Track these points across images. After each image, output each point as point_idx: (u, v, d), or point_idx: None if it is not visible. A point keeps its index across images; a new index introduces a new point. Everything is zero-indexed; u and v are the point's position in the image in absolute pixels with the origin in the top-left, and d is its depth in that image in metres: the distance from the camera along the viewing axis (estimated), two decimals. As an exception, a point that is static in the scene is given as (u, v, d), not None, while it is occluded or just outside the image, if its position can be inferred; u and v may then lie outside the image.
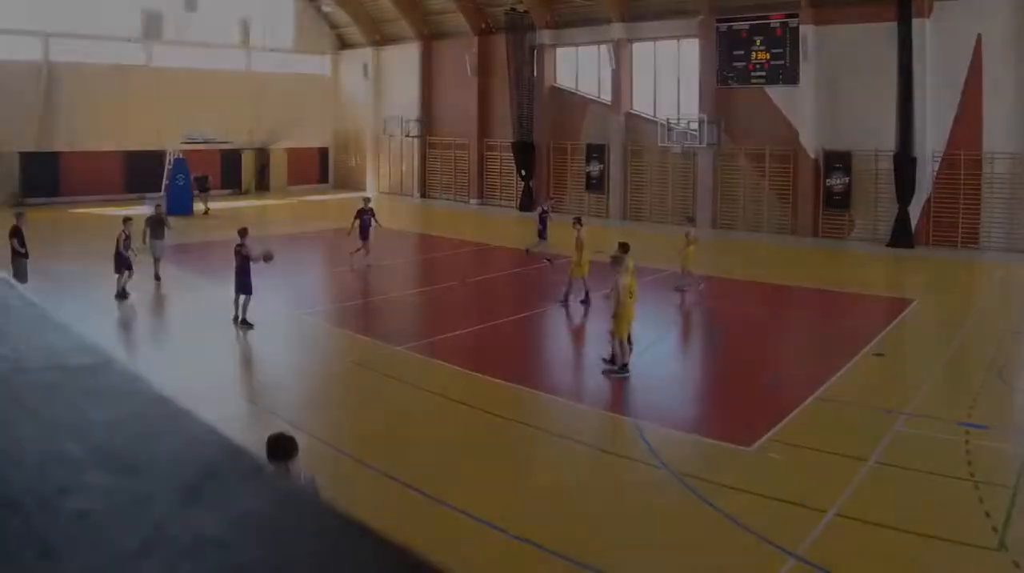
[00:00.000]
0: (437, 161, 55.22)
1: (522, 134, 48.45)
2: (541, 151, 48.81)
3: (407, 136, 55.22)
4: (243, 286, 20.14)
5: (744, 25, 40.57)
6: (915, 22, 34.73)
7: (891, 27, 35.16)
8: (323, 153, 61.95)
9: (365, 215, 29.48)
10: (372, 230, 29.38)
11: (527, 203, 48.52)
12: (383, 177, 58.72)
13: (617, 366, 16.79)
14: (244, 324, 20.10)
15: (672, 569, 9.73)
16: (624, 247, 18.04)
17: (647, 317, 22.23)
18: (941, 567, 9.51)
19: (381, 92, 57.91)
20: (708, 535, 10.33)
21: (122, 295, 22.96)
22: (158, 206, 27.97)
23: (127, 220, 23.75)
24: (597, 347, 20.61)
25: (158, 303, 24.29)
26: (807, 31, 38.08)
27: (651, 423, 14.13)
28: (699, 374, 18.34)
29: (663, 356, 19.38)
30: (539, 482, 12.10)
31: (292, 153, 59.21)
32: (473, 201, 52.49)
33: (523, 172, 48.82)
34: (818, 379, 16.35)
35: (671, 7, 43.01)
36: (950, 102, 34.81)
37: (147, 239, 25.59)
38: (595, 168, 46.60)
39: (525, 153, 48.57)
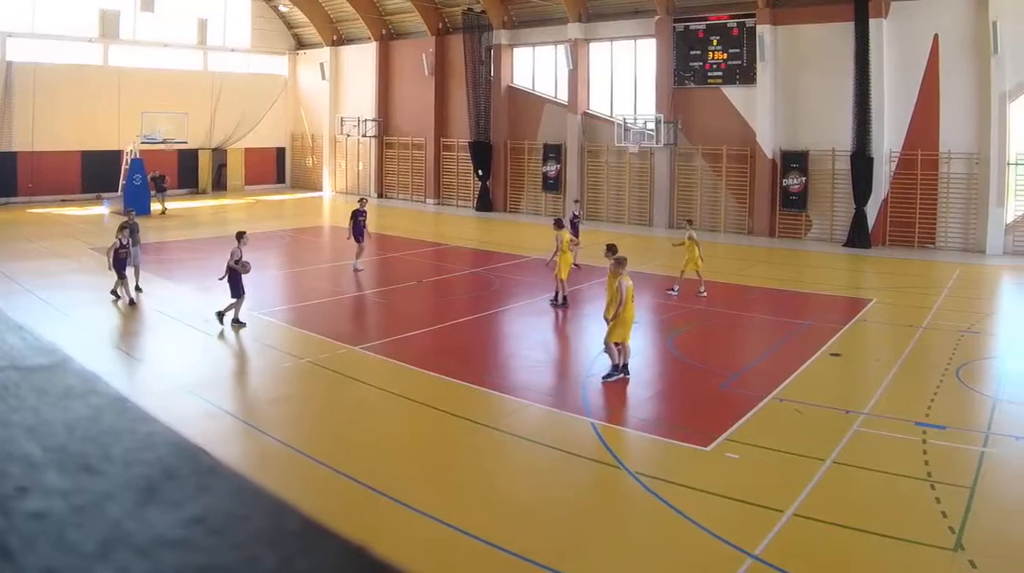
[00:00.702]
0: (394, 161, 53.66)
1: (479, 134, 47.12)
2: (498, 151, 47.38)
3: (364, 136, 53.76)
4: (235, 289, 19.64)
5: (701, 25, 39.37)
6: (872, 22, 33.77)
7: (848, 27, 34.22)
8: (280, 153, 60.36)
9: (362, 215, 28.13)
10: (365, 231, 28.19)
11: (484, 203, 47.34)
12: (340, 177, 57.20)
13: (611, 369, 16.06)
14: (236, 322, 19.52)
15: (629, 569, 9.25)
16: (613, 249, 17.55)
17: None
18: (898, 567, 9.23)
19: (338, 92, 56.38)
20: (665, 535, 10.02)
21: (116, 295, 22.00)
22: (130, 211, 25.79)
23: (123, 226, 22.34)
24: (555, 346, 20.20)
25: (114, 304, 22.61)
26: (764, 31, 36.85)
27: (608, 423, 13.74)
28: (657, 374, 17.37)
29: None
30: (496, 482, 11.76)
31: (249, 153, 57.72)
32: (430, 201, 50.98)
33: (480, 172, 47.41)
34: (776, 379, 15.91)
35: (628, 7, 41.83)
36: (907, 102, 33.83)
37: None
38: (552, 168, 45.22)
39: (482, 153, 47.15)
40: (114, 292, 21.95)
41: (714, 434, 12.91)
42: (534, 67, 46.92)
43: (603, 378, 15.95)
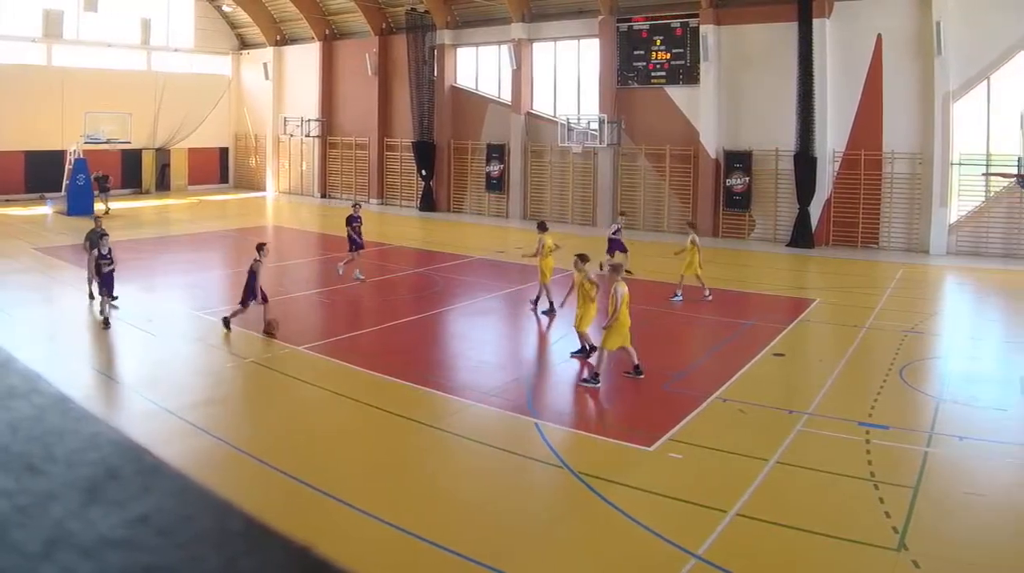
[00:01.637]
0: (337, 161, 51.23)
1: (422, 134, 44.99)
2: (441, 151, 45.24)
3: (307, 136, 51.40)
4: (253, 294, 18.31)
5: (644, 25, 37.54)
6: (815, 22, 32.23)
7: (792, 27, 32.64)
8: (223, 153, 57.55)
9: (354, 222, 25.30)
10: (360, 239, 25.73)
11: (428, 203, 45.25)
12: (283, 177, 54.58)
13: (590, 375, 15.49)
14: (268, 333, 18.14)
15: (572, 569, 9.08)
16: (584, 258, 16.90)
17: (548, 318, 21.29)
18: (842, 567, 8.96)
19: (282, 92, 53.87)
20: (608, 535, 9.63)
21: (106, 322, 19.00)
22: (97, 217, 23.01)
23: (104, 235, 19.91)
24: (497, 347, 19.23)
25: (57, 303, 21.61)
26: (707, 31, 35.18)
27: (551, 423, 13.24)
28: (601, 373, 15.95)
29: (565, 355, 17.38)
30: (439, 482, 11.32)
31: (192, 153, 55.05)
32: (374, 201, 48.51)
33: (423, 172, 45.30)
34: (719, 379, 15.43)
35: (571, 7, 39.98)
36: (850, 102, 32.40)
37: (88, 254, 21.56)
38: (495, 168, 43.20)
39: (425, 153, 45.05)
40: (106, 319, 18.89)
41: (657, 434, 12.52)
42: (477, 67, 44.86)
43: (581, 381, 15.47)
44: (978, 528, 9.74)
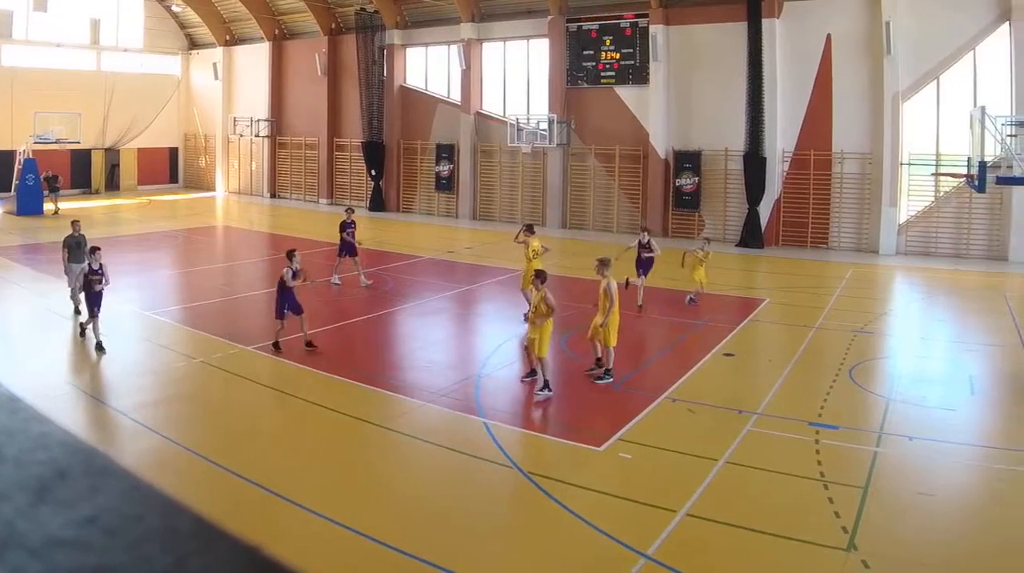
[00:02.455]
0: (287, 161, 48.72)
1: (372, 134, 42.78)
2: (391, 151, 43.08)
3: (257, 136, 48.86)
4: (292, 306, 16.68)
5: (594, 25, 35.73)
6: (765, 22, 30.69)
7: (741, 27, 31.13)
8: (173, 153, 54.82)
9: (349, 228, 23.46)
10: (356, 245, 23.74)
11: (377, 203, 43.25)
12: (233, 177, 51.87)
13: (603, 371, 14.85)
14: (309, 345, 16.56)
15: (521, 569, 8.70)
16: (542, 276, 15.40)
17: (498, 318, 20.89)
18: (792, 567, 8.62)
19: (231, 92, 51.15)
20: (558, 535, 9.29)
21: (84, 333, 16.87)
22: (75, 222, 20.53)
23: (95, 250, 17.13)
24: (447, 347, 18.41)
25: (7, 303, 20.58)
26: (657, 31, 33.45)
27: (500, 423, 12.72)
28: (549, 374, 15.06)
29: (515, 356, 16.76)
30: (388, 481, 10.93)
31: (142, 153, 52.47)
32: (323, 201, 46.29)
33: (373, 172, 43.12)
34: (669, 379, 14.89)
35: (521, 7, 38.02)
36: (800, 102, 30.87)
37: (65, 263, 19.51)
38: (445, 168, 41.12)
39: (375, 153, 42.88)
40: (83, 332, 16.88)
41: (607, 434, 12.10)
42: (427, 67, 42.71)
43: (596, 380, 14.76)
44: (928, 528, 9.43)
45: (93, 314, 16.36)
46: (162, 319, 18.93)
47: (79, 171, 49.47)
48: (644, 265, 21.01)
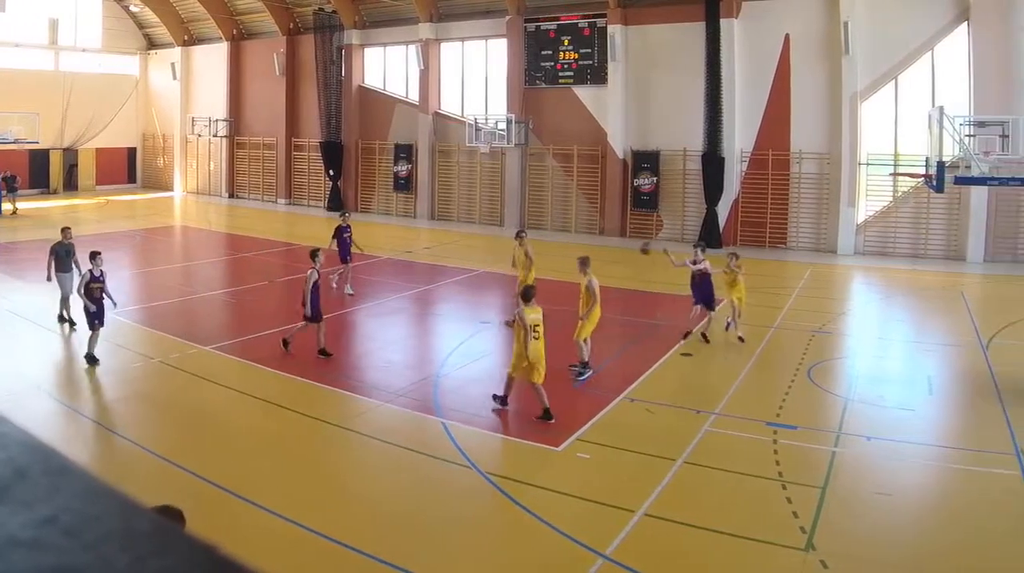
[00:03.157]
0: (245, 161, 46.39)
1: (330, 134, 40.76)
2: (349, 151, 41.07)
3: (215, 136, 46.56)
4: (316, 308, 15.72)
5: (552, 25, 34.03)
6: (723, 22, 29.23)
7: (699, 27, 29.59)
8: (131, 153, 52.13)
9: (344, 233, 21.60)
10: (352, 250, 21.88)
11: (335, 203, 40.85)
12: (191, 177, 49.39)
13: (579, 366, 14.48)
14: (323, 353, 15.57)
15: (479, 569, 8.35)
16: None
17: (456, 318, 20.17)
18: (750, 567, 8.32)
19: (189, 92, 48.74)
20: (516, 535, 9.03)
21: (91, 358, 14.73)
22: (65, 229, 18.53)
23: (96, 254, 15.43)
24: (405, 347, 17.69)
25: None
26: (615, 31, 31.92)
27: (459, 423, 12.21)
28: (506, 374, 14.38)
29: (473, 356, 16.19)
30: (347, 481, 10.56)
31: (100, 153, 49.87)
32: (281, 201, 44.13)
33: (331, 172, 41.08)
34: (627, 379, 14.27)
35: (479, 7, 36.20)
36: (758, 102, 29.44)
37: (50, 271, 17.70)
38: (403, 168, 39.16)
39: (333, 153, 40.85)
40: (90, 357, 14.74)
41: (565, 434, 11.65)
42: (385, 67, 40.70)
43: (578, 378, 14.28)
44: (886, 527, 9.05)
45: (94, 326, 14.76)
46: (120, 319, 17.76)
47: (37, 171, 47.05)
48: (702, 290, 17.25)
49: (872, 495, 9.80)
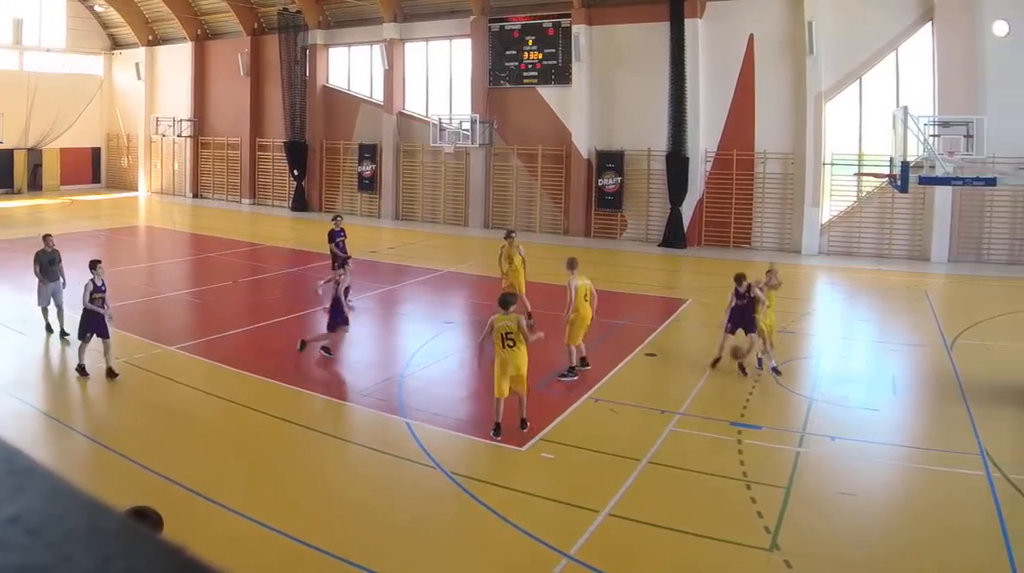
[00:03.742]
0: (209, 161, 44.39)
1: (295, 134, 38.91)
2: (314, 151, 39.25)
3: (179, 136, 44.45)
4: (342, 315, 15.12)
5: (516, 25, 32.57)
6: (688, 22, 27.93)
7: (664, 27, 28.28)
8: (95, 153, 49.86)
9: (340, 236, 20.07)
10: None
11: (300, 203, 39.43)
12: (155, 177, 47.20)
13: (567, 370, 13.84)
14: (325, 351, 15.11)
15: (444, 569, 7.93)
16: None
17: (421, 318, 19.50)
18: (714, 567, 7.99)
19: (154, 92, 46.50)
20: (480, 535, 8.59)
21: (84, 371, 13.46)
22: (47, 236, 16.86)
23: (97, 263, 14.23)
24: (369, 347, 17.03)
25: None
26: (579, 31, 30.50)
27: (423, 423, 11.74)
28: (472, 374, 14.51)
29: (437, 356, 15.60)
30: (310, 481, 10.02)
31: (65, 153, 47.56)
32: (245, 201, 42.17)
33: (296, 172, 39.27)
34: (591, 379, 13.74)
35: (443, 7, 34.57)
36: (723, 102, 28.15)
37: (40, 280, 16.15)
38: (367, 168, 37.46)
39: (298, 153, 39.04)
40: (81, 369, 13.44)
41: (529, 434, 11.16)
42: (349, 67, 38.97)
43: (559, 377, 13.70)
44: (850, 528, 8.78)
45: (85, 338, 13.43)
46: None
47: (1, 171, 45.04)
48: (745, 314, 14.46)
49: (836, 495, 9.52)
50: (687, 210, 29.00)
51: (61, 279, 16.18)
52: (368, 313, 19.55)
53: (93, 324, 13.47)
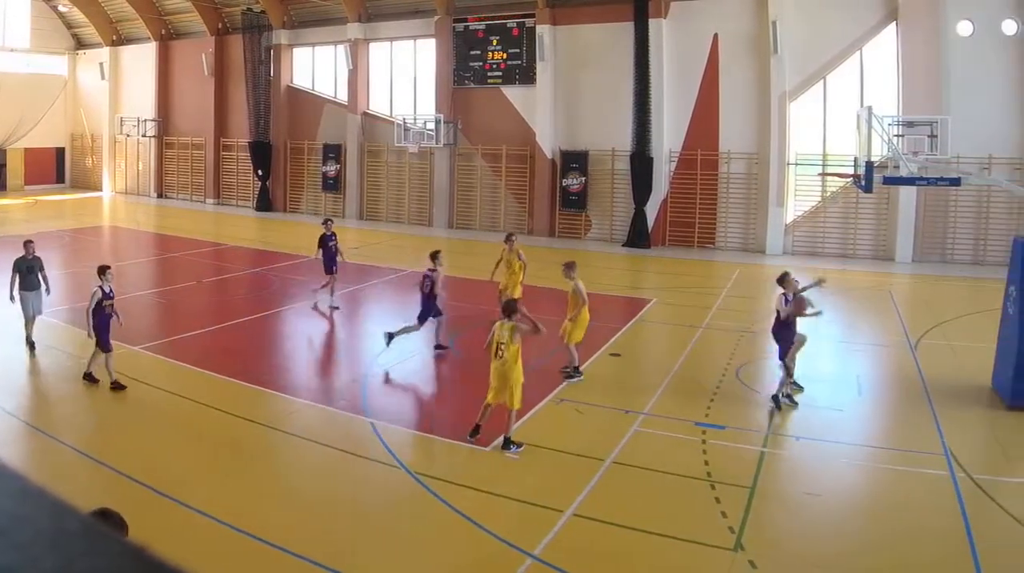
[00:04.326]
0: (174, 161, 42.34)
1: (259, 134, 37.07)
2: (278, 151, 37.40)
3: (144, 136, 42.35)
4: (432, 309, 14.67)
5: (480, 25, 31.09)
6: (652, 22, 26.69)
7: (628, 27, 26.99)
8: (60, 153, 47.56)
9: (331, 240, 18.68)
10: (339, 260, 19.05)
11: (264, 203, 37.72)
12: (120, 177, 45.09)
13: (570, 369, 13.21)
14: (440, 347, 14.77)
15: (408, 569, 7.63)
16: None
17: (385, 318, 18.23)
18: (679, 568, 7.60)
19: (118, 92, 44.39)
20: (445, 535, 8.22)
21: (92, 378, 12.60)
22: (28, 242, 15.17)
23: (106, 269, 13.26)
24: (334, 347, 16.73)
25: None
26: (544, 31, 29.13)
27: (389, 423, 11.25)
28: (437, 374, 14.48)
29: (402, 356, 14.62)
30: (275, 481, 9.50)
31: (29, 153, 45.27)
32: (210, 201, 40.25)
33: (260, 172, 37.42)
34: (556, 379, 13.13)
35: (407, 7, 32.95)
36: (687, 102, 26.88)
37: (12, 290, 14.74)
38: (332, 168, 35.79)
39: (262, 153, 37.21)
40: (88, 376, 12.65)
41: (494, 434, 10.44)
42: (314, 67, 37.18)
43: (565, 378, 13.04)
44: (814, 528, 8.48)
45: (106, 348, 12.46)
46: (48, 319, 16.16)
47: (-36, 171, 41.79)
48: (786, 336, 12.26)
49: (801, 495, 9.20)
50: (651, 210, 27.84)
51: (44, 287, 14.71)
52: (333, 313, 18.74)
53: (102, 331, 12.46)
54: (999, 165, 23.47)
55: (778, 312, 12.30)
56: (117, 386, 12.32)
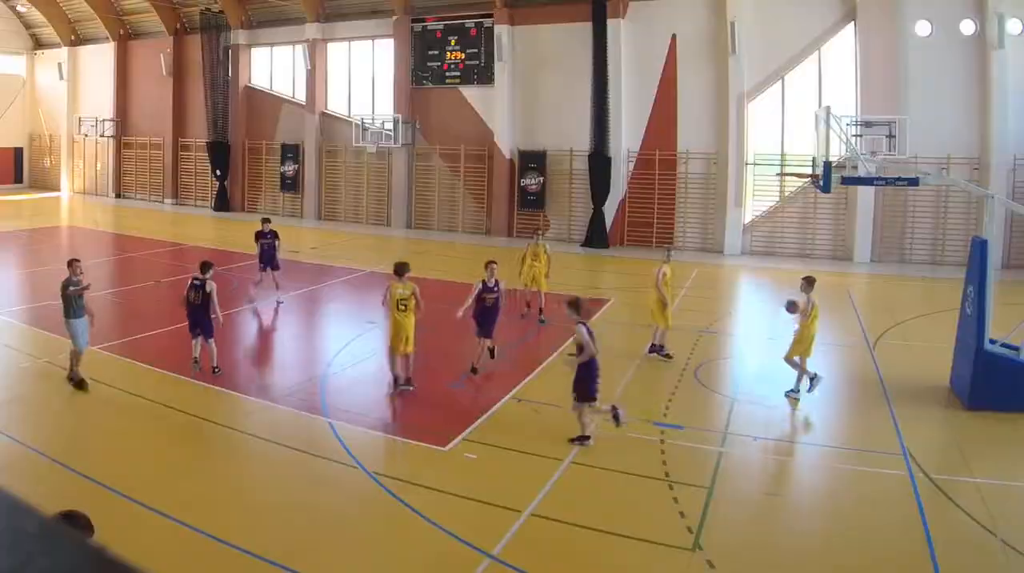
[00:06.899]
0: (132, 161, 39.13)
1: (217, 134, 34.20)
2: (236, 151, 34.54)
3: (102, 136, 39.14)
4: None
5: (439, 25, 28.71)
6: (610, 22, 24.57)
7: (586, 27, 24.77)
8: (18, 153, 43.98)
9: (265, 238, 17.41)
10: (277, 256, 17.72)
11: (222, 203, 35.00)
12: (78, 177, 41.68)
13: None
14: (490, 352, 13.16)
15: (366, 569, 7.10)
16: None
17: (343, 318, 17.82)
18: (637, 567, 7.09)
19: (76, 92, 40.99)
20: (402, 534, 7.62)
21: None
22: (74, 261, 12.24)
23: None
24: (292, 347, 15.65)
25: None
26: (502, 31, 26.93)
27: (345, 423, 10.32)
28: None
29: (360, 356, 13.83)
30: (233, 482, 8.80)
31: None
32: (168, 201, 37.10)
33: (218, 172, 34.57)
34: (513, 379, 12.31)
35: (365, 7, 30.39)
36: (645, 102, 24.79)
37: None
38: (290, 168, 33.05)
39: (220, 153, 34.36)
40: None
41: (452, 434, 9.91)
42: (272, 67, 34.29)
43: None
44: (772, 527, 7.86)
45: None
46: (6, 319, 15.67)
47: (-78, 172, 37.62)
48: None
49: (759, 495, 8.72)
50: (610, 210, 25.86)
51: (85, 316, 11.79)
52: (290, 313, 17.44)
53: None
54: (957, 165, 21.92)
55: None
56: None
